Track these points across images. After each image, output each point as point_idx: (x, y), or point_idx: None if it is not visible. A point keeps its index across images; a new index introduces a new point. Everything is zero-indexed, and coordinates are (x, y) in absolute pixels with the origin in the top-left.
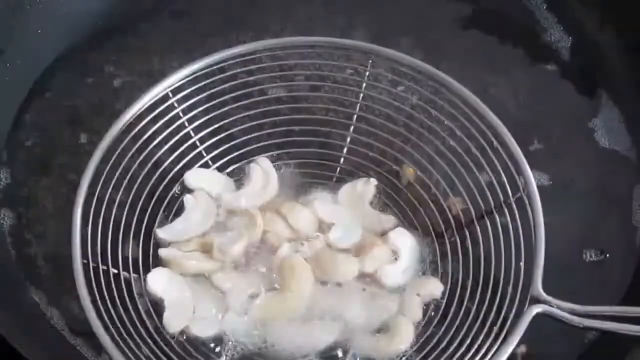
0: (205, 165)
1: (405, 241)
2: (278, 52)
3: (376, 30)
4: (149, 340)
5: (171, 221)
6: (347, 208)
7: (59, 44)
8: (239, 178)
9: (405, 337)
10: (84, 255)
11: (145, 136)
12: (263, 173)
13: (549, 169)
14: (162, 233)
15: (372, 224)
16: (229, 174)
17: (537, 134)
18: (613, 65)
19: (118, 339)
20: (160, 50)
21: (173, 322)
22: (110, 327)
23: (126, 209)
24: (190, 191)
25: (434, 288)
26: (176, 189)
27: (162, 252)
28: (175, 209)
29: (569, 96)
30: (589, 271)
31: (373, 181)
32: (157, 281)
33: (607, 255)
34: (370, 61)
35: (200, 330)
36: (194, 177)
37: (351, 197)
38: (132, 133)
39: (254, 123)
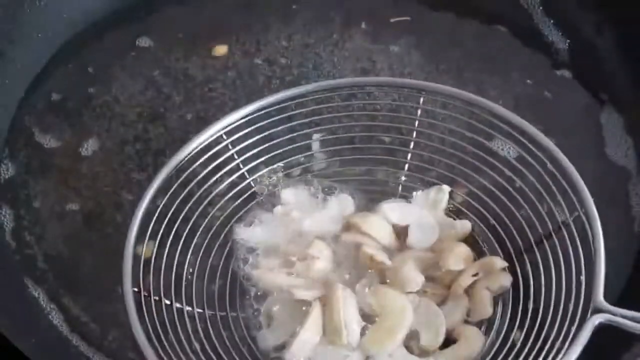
0: (258, 204)
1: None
2: (332, 94)
3: (375, 33)
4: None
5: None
6: (420, 210)
7: (58, 44)
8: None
9: (474, 348)
10: (135, 283)
11: (200, 176)
12: (339, 199)
13: None
14: (240, 232)
15: (448, 231)
16: None
17: None
18: (612, 67)
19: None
20: (160, 49)
21: (270, 338)
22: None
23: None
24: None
25: (503, 279)
26: (262, 199)
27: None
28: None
29: (568, 98)
30: None
31: (446, 188)
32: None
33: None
34: (422, 99)
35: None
36: (290, 192)
37: (425, 205)
38: (185, 174)
39: (309, 163)
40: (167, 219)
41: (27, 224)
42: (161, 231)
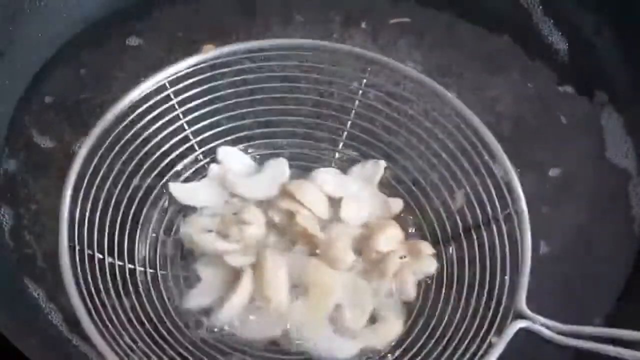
0: (196, 160)
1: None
2: (279, 52)
3: (375, 33)
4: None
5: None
6: (355, 182)
7: (58, 44)
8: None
9: (393, 330)
10: (71, 239)
11: (139, 126)
12: (275, 164)
13: (547, 172)
14: (174, 189)
15: (380, 207)
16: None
17: (534, 136)
18: (612, 68)
19: (102, 326)
20: (160, 49)
21: (196, 299)
22: (94, 313)
23: (114, 197)
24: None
25: (429, 265)
26: (200, 155)
27: (183, 227)
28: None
29: (568, 98)
30: (577, 282)
31: (382, 163)
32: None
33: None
34: (369, 69)
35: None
36: (226, 153)
37: (360, 178)
38: (125, 122)
39: (250, 120)
40: (102, 175)
41: (27, 223)
42: (95, 186)
